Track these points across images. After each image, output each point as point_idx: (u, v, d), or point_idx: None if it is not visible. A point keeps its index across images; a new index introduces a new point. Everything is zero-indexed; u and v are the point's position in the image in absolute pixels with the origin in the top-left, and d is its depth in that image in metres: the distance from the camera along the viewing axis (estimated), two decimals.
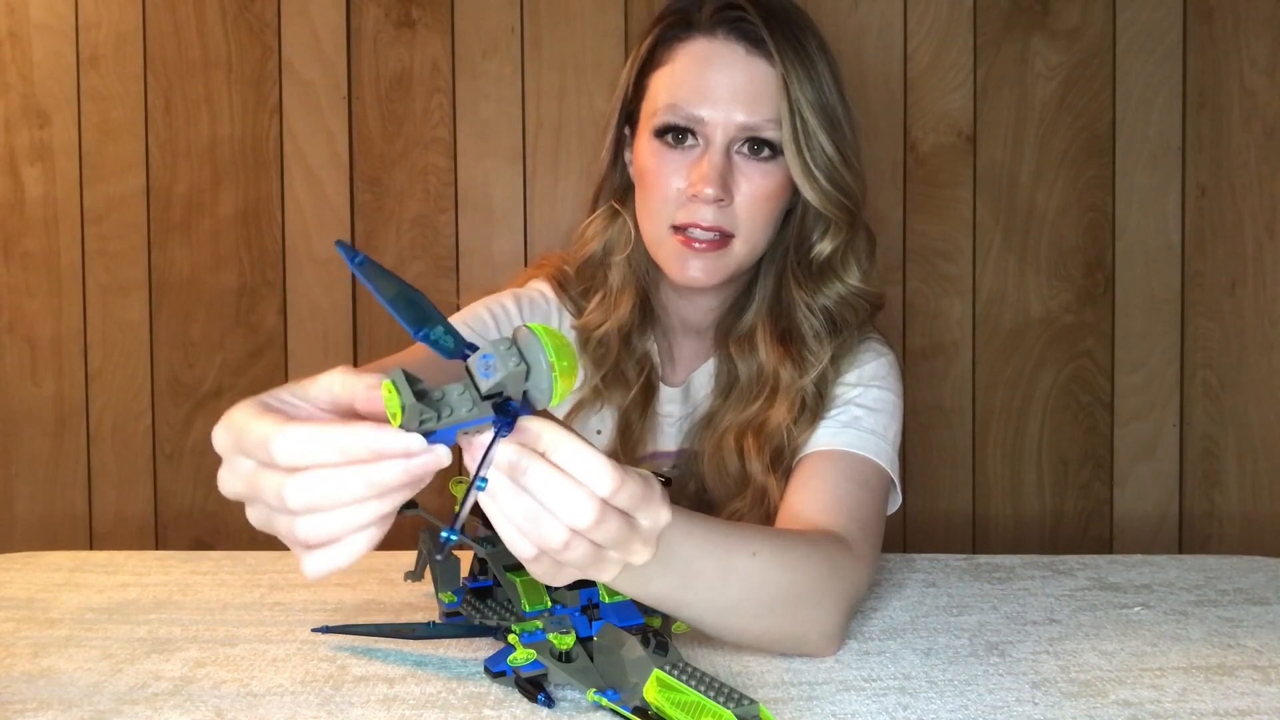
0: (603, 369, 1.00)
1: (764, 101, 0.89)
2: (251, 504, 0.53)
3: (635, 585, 0.66)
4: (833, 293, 0.96)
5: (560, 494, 0.51)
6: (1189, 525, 1.61)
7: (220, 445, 0.53)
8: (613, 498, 0.52)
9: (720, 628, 0.73)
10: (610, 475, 0.52)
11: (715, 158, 0.89)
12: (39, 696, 0.70)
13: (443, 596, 0.81)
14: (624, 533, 0.54)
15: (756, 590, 0.72)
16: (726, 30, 0.91)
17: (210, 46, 1.57)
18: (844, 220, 0.93)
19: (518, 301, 1.01)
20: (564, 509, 0.51)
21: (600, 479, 0.52)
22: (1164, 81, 1.58)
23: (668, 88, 0.92)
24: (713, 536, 0.69)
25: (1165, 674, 0.74)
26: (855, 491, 0.86)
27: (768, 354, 0.95)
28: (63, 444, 1.60)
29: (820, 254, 0.95)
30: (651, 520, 0.56)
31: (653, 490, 0.56)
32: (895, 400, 0.95)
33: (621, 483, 0.52)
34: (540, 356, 0.50)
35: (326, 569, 0.50)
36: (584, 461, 0.52)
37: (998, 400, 1.61)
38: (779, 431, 0.93)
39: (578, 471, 0.52)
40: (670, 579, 0.67)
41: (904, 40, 1.58)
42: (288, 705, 0.68)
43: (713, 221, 0.90)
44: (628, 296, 0.99)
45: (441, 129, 1.58)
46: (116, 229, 1.58)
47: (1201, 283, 1.60)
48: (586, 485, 0.52)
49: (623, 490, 0.53)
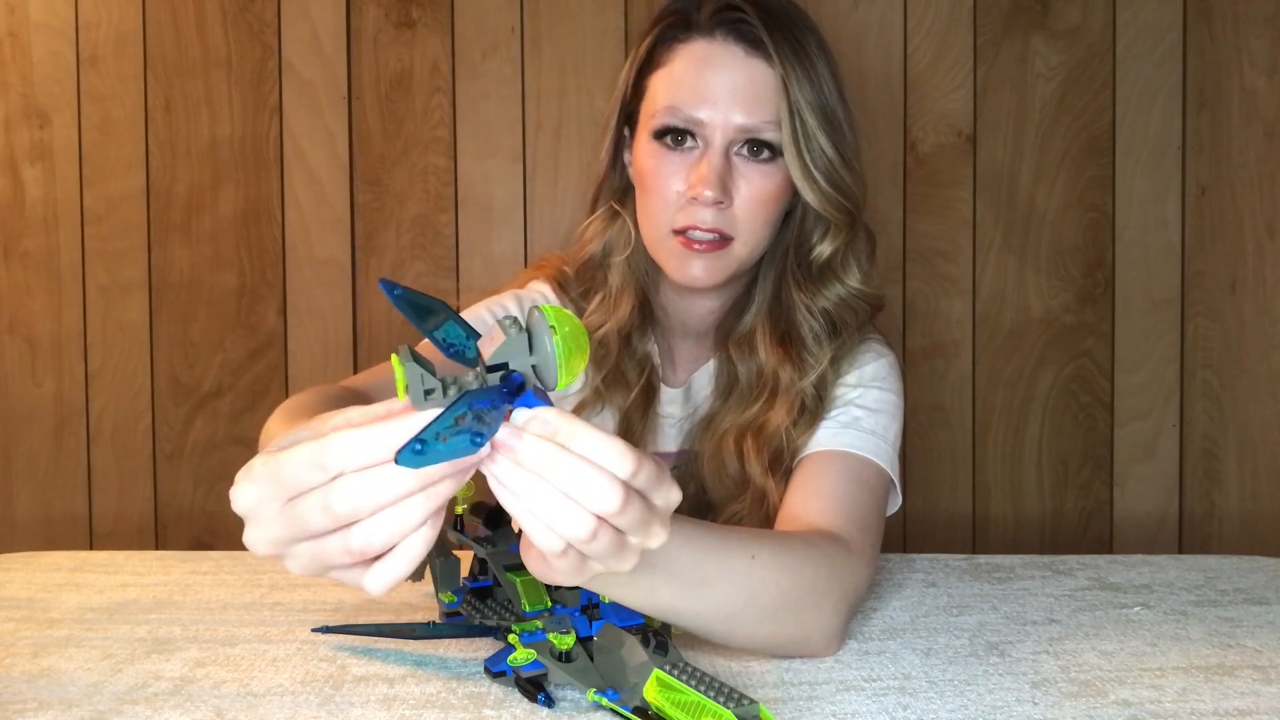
0: (603, 370, 0.99)
1: (763, 103, 0.89)
2: (293, 547, 0.50)
3: (641, 596, 0.66)
4: (832, 294, 0.95)
5: (585, 480, 0.50)
6: (1189, 525, 1.61)
7: (247, 498, 0.50)
8: (633, 479, 0.51)
9: (726, 634, 0.73)
10: (630, 457, 0.51)
11: (714, 160, 0.89)
12: (39, 696, 0.70)
13: (443, 596, 0.81)
14: (645, 514, 0.53)
15: (759, 595, 0.72)
16: (725, 31, 0.90)
17: (210, 46, 1.57)
18: (844, 222, 0.93)
19: (518, 302, 1.01)
20: (590, 495, 0.50)
21: (620, 462, 0.51)
22: (1164, 81, 1.58)
23: (667, 89, 0.92)
24: (713, 542, 0.69)
25: (1165, 674, 0.74)
26: (855, 492, 0.86)
27: (767, 355, 0.95)
28: (63, 444, 1.60)
29: (820, 256, 0.95)
30: (665, 499, 0.55)
31: (664, 469, 0.55)
32: (896, 401, 0.95)
33: (640, 464, 0.51)
34: (545, 329, 0.50)
35: (390, 579, 0.49)
36: (603, 446, 0.51)
37: (998, 400, 1.61)
38: (778, 434, 0.93)
39: (598, 457, 0.50)
40: (676, 588, 0.67)
41: (904, 40, 1.58)
42: (288, 705, 0.68)
43: (712, 224, 0.90)
44: (628, 297, 0.99)
45: (441, 129, 1.58)
46: (116, 229, 1.58)
47: (1201, 283, 1.60)
48: (608, 470, 0.51)
49: (641, 471, 0.52)
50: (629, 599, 0.66)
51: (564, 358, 0.50)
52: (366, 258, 1.59)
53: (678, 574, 0.66)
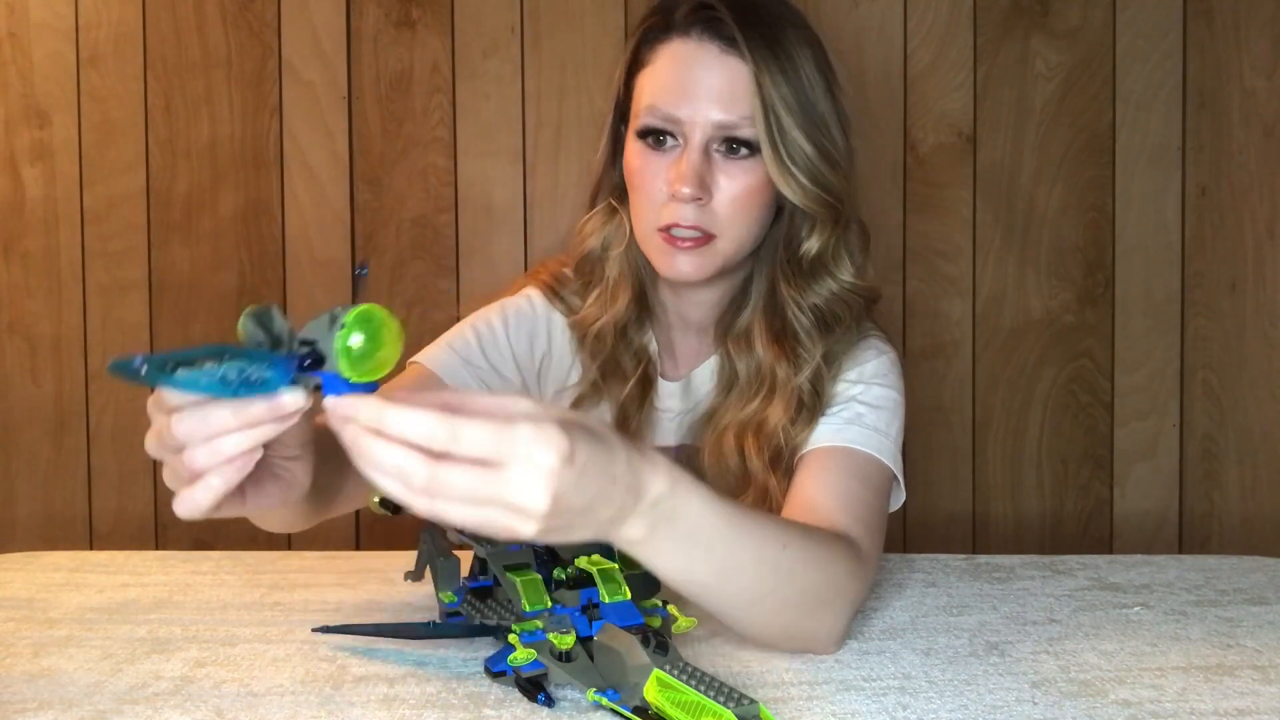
0: (600, 362, 1.00)
1: (739, 100, 0.89)
2: (162, 460, 0.61)
3: (679, 568, 0.68)
4: (824, 289, 0.96)
5: (385, 459, 0.54)
6: (1189, 525, 1.61)
7: (152, 413, 0.61)
8: (452, 446, 0.53)
9: (745, 620, 0.75)
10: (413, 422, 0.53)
11: (693, 157, 0.90)
12: (39, 696, 0.70)
13: (443, 596, 0.81)
14: (479, 485, 0.54)
15: (784, 584, 0.73)
16: (701, 30, 0.91)
17: (210, 46, 1.57)
18: (828, 217, 0.93)
19: (503, 313, 1.02)
20: (397, 472, 0.54)
21: (404, 428, 0.53)
22: (1164, 81, 1.58)
23: (649, 89, 0.93)
24: (750, 527, 0.70)
25: (1165, 674, 0.74)
26: (859, 490, 0.87)
27: (764, 352, 0.96)
28: (63, 444, 1.60)
29: (809, 251, 0.95)
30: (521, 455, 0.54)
31: (538, 431, 0.55)
32: (897, 398, 0.96)
33: (454, 428, 0.53)
34: (338, 325, 0.56)
35: (190, 503, 0.59)
36: (387, 418, 0.54)
37: (998, 400, 1.61)
38: (777, 432, 0.93)
39: (386, 428, 0.54)
40: (713, 565, 0.69)
41: (904, 40, 1.58)
42: (288, 705, 0.68)
43: (693, 221, 0.90)
44: (624, 290, 0.99)
45: (441, 129, 1.58)
46: (116, 229, 1.58)
47: (1201, 283, 1.60)
48: (415, 442, 0.54)
49: (462, 436, 0.53)
50: (667, 569, 0.67)
51: (344, 353, 0.55)
52: (366, 258, 1.59)
53: (716, 551, 0.68)
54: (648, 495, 0.62)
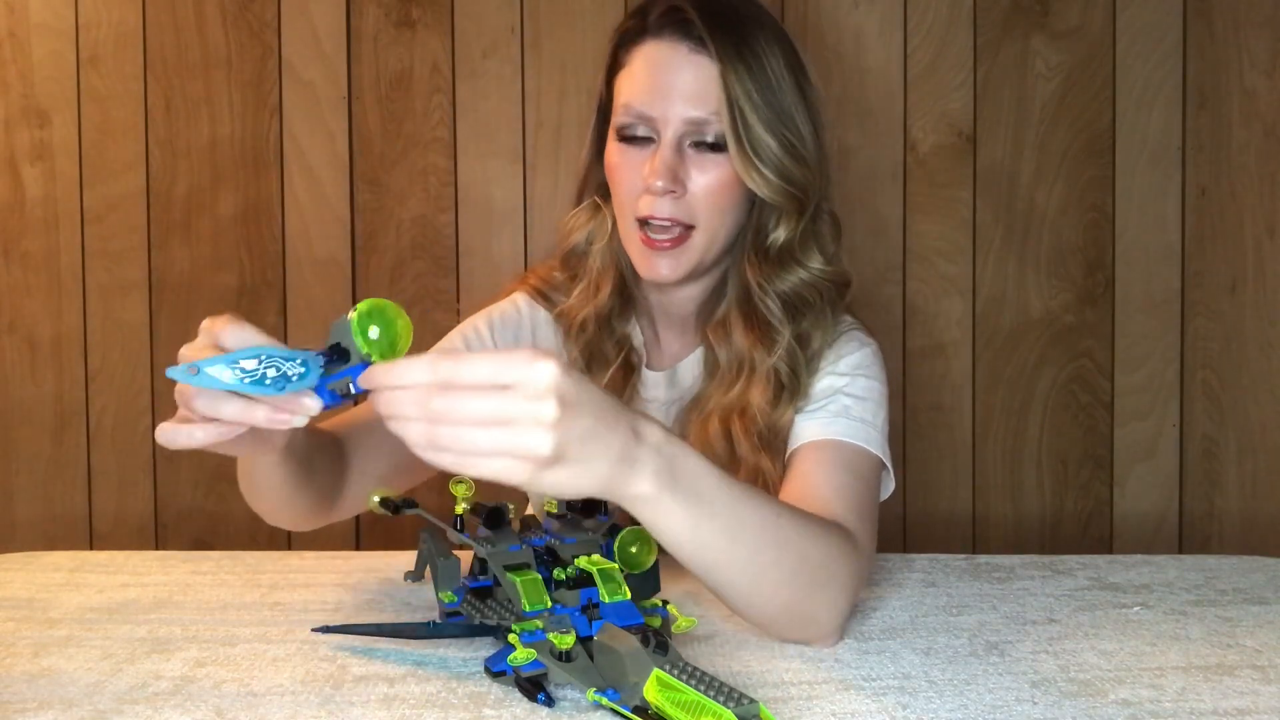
0: (585, 352, 1.03)
1: (707, 97, 0.93)
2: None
3: (686, 528, 0.70)
4: (793, 278, 0.99)
5: (403, 403, 0.61)
6: (1189, 525, 1.61)
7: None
8: (435, 376, 0.60)
9: (750, 594, 0.75)
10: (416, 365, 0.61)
11: (665, 152, 0.94)
12: (39, 696, 0.70)
13: (443, 596, 0.81)
14: (489, 405, 0.60)
15: (784, 553, 0.74)
16: (672, 31, 0.95)
17: (210, 46, 1.57)
18: (794, 209, 0.97)
19: (489, 319, 1.06)
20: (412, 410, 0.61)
21: (412, 373, 0.61)
22: (1164, 81, 1.58)
23: (626, 89, 0.97)
24: (744, 491, 0.73)
25: (1164, 674, 0.75)
26: (852, 482, 0.89)
27: (741, 339, 0.99)
28: (63, 444, 1.60)
29: (776, 241, 0.98)
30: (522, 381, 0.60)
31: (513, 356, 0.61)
32: (881, 389, 0.98)
33: (433, 365, 0.60)
34: (348, 320, 0.65)
35: (174, 434, 0.66)
36: (396, 370, 0.62)
37: (997, 400, 1.61)
38: (760, 414, 0.96)
39: (398, 379, 0.61)
40: (717, 525, 0.71)
41: (904, 40, 1.58)
42: (288, 705, 0.68)
43: (670, 213, 0.94)
44: (607, 282, 1.03)
45: (441, 129, 1.58)
46: (116, 229, 1.58)
47: (1201, 283, 1.60)
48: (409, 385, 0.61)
49: (439, 368, 0.60)
50: (676, 531, 0.70)
51: (361, 334, 0.64)
52: (366, 258, 1.59)
53: (719, 511, 0.70)
54: (647, 439, 0.66)
